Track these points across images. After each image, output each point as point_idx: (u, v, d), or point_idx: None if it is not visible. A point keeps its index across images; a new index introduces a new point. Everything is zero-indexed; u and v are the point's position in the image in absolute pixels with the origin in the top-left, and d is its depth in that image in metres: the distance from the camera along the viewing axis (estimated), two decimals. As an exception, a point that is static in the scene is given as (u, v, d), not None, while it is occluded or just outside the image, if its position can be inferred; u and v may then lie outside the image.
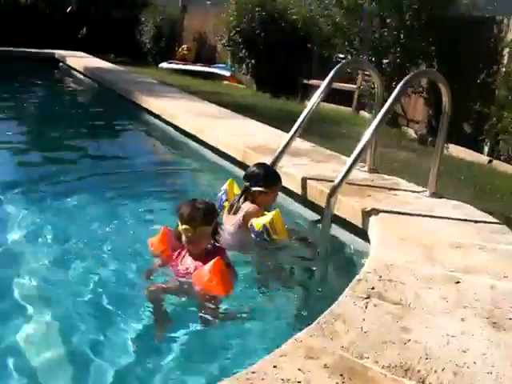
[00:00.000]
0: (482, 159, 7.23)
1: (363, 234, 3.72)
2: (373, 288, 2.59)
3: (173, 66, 14.37)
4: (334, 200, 3.71)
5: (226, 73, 13.32)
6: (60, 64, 14.30)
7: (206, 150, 6.26)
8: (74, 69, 13.18)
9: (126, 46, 16.68)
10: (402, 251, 3.13)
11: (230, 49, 12.47)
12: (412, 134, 8.66)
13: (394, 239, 3.32)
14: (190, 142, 6.71)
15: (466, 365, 2.03)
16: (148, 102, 8.42)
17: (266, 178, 3.79)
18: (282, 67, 11.41)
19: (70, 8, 17.17)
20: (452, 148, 7.33)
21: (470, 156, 7.28)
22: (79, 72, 12.76)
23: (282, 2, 11.85)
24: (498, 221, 3.83)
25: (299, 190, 4.47)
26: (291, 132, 4.55)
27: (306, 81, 11.26)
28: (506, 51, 7.33)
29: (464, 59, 7.71)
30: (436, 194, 4.29)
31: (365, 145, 3.88)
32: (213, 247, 3.10)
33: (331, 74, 4.55)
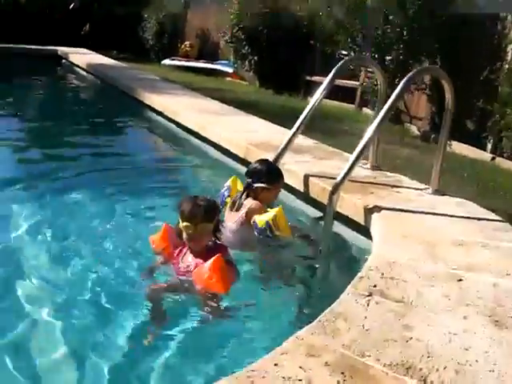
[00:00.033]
0: (485, 156, 7.21)
1: (365, 231, 3.71)
2: (375, 286, 2.58)
3: (175, 62, 14.38)
4: (336, 197, 3.71)
5: (229, 69, 13.31)
6: (63, 61, 14.32)
7: (208, 147, 6.26)
8: (77, 65, 13.20)
9: (128, 42, 16.71)
10: (405, 249, 3.11)
11: (232, 45, 12.47)
12: (415, 131, 8.65)
13: (397, 236, 3.31)
14: (193, 139, 6.70)
15: (468, 363, 2.02)
16: (150, 99, 8.42)
17: (268, 175, 3.77)
18: (284, 64, 11.40)
19: (72, 5, 17.16)
20: (455, 145, 7.33)
21: (473, 153, 7.26)
22: (82, 69, 12.78)
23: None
24: (500, 218, 3.81)
25: (301, 187, 4.46)
26: (294, 129, 4.54)
27: (308, 77, 11.26)
28: (510, 48, 7.31)
29: (467, 56, 7.68)
30: (439, 191, 4.27)
31: (367, 142, 3.87)
32: (214, 244, 3.08)
33: (334, 70, 4.54)
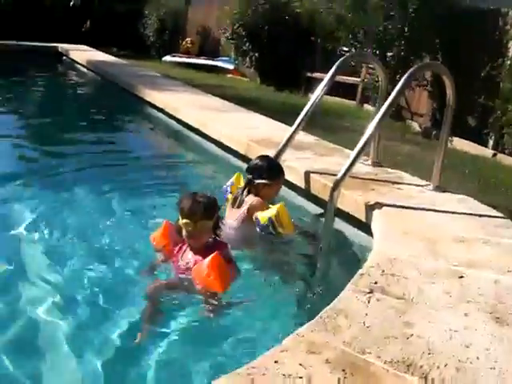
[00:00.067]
0: (487, 153, 7.19)
1: (366, 227, 3.70)
2: (376, 282, 2.58)
3: (176, 59, 14.34)
4: (337, 194, 3.70)
5: (230, 66, 13.29)
6: (63, 57, 14.30)
7: (209, 144, 6.25)
8: (78, 62, 13.18)
9: (129, 39, 16.66)
10: (406, 245, 3.11)
11: (233, 42, 12.43)
12: (416, 128, 8.62)
13: (398, 233, 3.31)
14: (193, 136, 6.69)
15: (468, 360, 2.02)
16: (151, 96, 8.40)
17: (269, 171, 3.77)
18: (285, 60, 11.36)
19: (73, 1, 17.13)
20: (456, 141, 7.31)
21: (475, 149, 7.24)
22: (82, 65, 12.76)
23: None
24: (502, 215, 3.81)
25: (302, 184, 4.45)
26: (294, 125, 4.53)
27: (309, 74, 11.22)
28: (511, 44, 7.28)
29: (468, 52, 7.65)
30: (440, 188, 4.27)
31: (368, 138, 3.86)
32: (214, 241, 3.06)
33: (335, 67, 4.53)
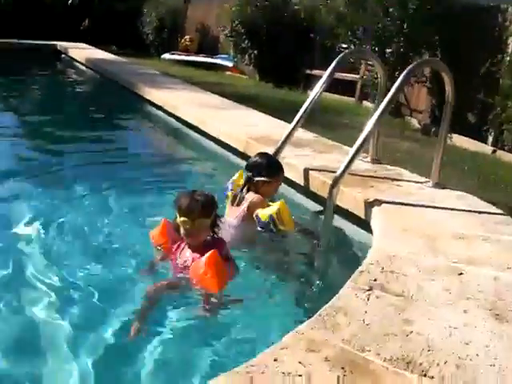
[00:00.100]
0: (486, 149, 7.19)
1: (366, 224, 3.70)
2: (375, 280, 2.57)
3: (175, 57, 14.34)
4: (336, 191, 3.70)
5: (229, 63, 13.28)
6: (62, 55, 14.28)
7: (208, 141, 6.24)
8: (76, 60, 13.16)
9: (128, 37, 16.64)
10: (405, 242, 3.10)
11: (232, 39, 12.43)
12: (415, 124, 8.62)
13: (397, 230, 3.30)
14: (192, 133, 6.68)
15: (468, 357, 2.01)
16: (150, 93, 8.39)
17: (268, 168, 3.75)
18: (284, 57, 11.37)
19: (71, 0, 17.10)
20: (456, 138, 7.30)
21: (474, 146, 7.24)
22: (81, 63, 12.73)
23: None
24: (501, 211, 3.80)
25: (301, 181, 4.44)
26: (293, 122, 4.53)
27: (308, 71, 11.22)
28: (511, 40, 7.27)
29: (468, 48, 7.64)
30: (439, 185, 4.26)
31: (367, 135, 3.85)
32: (212, 239, 3.05)
33: (334, 63, 4.53)
